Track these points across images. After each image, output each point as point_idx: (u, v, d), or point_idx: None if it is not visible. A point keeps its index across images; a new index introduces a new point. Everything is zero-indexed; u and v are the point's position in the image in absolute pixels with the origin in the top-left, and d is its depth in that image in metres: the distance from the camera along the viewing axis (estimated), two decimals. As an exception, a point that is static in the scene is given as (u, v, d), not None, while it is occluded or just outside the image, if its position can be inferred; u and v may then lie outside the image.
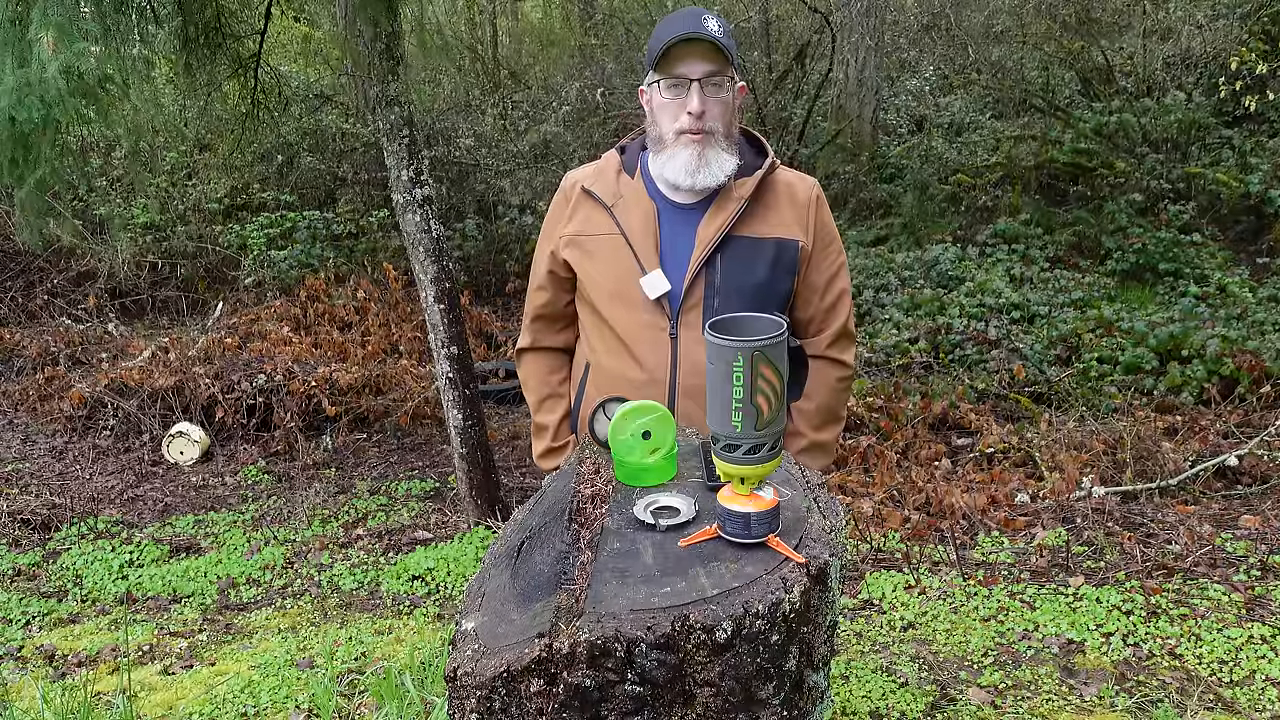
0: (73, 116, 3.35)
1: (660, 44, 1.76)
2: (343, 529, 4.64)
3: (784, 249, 1.88)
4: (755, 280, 1.85)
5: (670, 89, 1.79)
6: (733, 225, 1.85)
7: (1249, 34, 8.34)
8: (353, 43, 4.16)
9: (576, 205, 1.96)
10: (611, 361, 1.93)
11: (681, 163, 1.80)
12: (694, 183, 1.81)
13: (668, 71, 1.78)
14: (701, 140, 1.79)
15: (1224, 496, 4.18)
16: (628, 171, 1.94)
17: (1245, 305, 6.37)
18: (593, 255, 1.92)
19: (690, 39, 1.74)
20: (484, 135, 9.48)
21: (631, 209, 1.89)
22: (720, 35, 1.75)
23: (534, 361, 2.11)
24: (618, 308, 1.90)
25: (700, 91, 1.77)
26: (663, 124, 1.82)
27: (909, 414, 5.21)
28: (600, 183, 1.94)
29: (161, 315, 8.19)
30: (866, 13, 9.07)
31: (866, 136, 9.41)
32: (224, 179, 9.08)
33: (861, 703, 2.64)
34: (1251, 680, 2.70)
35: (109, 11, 3.51)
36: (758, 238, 1.87)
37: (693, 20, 1.76)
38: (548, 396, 2.09)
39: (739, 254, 1.85)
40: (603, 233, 1.91)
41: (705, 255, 1.84)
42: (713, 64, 1.77)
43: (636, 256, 1.86)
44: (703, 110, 1.77)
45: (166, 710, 2.76)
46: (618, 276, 1.88)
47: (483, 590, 1.25)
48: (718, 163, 1.81)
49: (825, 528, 1.29)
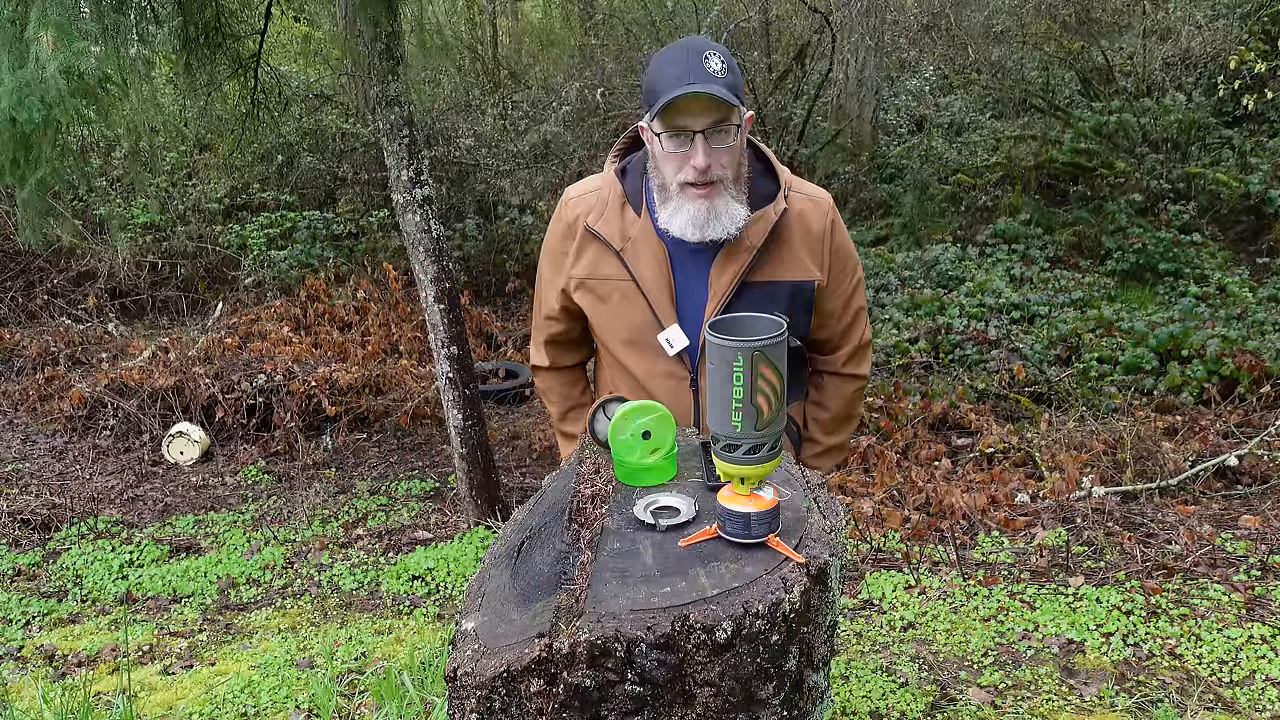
0: (73, 117, 3.35)
1: (659, 97, 1.61)
2: (343, 529, 4.64)
3: (799, 290, 1.82)
4: None
5: (672, 140, 1.67)
6: (746, 273, 1.77)
7: (1249, 34, 8.34)
8: (353, 43, 4.16)
9: (582, 244, 1.86)
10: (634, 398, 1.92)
11: (688, 217, 1.70)
12: (702, 236, 1.72)
13: (669, 123, 1.66)
14: (709, 194, 1.69)
15: (1224, 496, 4.18)
16: (633, 205, 1.82)
17: (1245, 305, 6.37)
18: (605, 300, 1.85)
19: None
20: (484, 135, 9.48)
21: (642, 254, 1.80)
22: (724, 77, 1.62)
23: (553, 378, 2.08)
24: (634, 354, 1.86)
25: (705, 144, 1.65)
26: (666, 174, 1.72)
27: (909, 414, 5.21)
28: (605, 221, 1.83)
29: (161, 315, 8.19)
30: (866, 13, 9.08)
31: (866, 136, 9.42)
32: (224, 179, 9.08)
33: (861, 703, 2.64)
34: (1251, 680, 2.70)
35: (108, 11, 3.51)
36: (773, 281, 1.79)
37: (694, 66, 1.61)
38: (572, 408, 2.07)
39: (754, 301, 1.77)
40: (615, 278, 1.82)
41: (720, 307, 1.77)
42: (717, 114, 1.64)
43: (652, 307, 1.80)
44: (708, 164, 1.66)
45: (166, 710, 2.76)
46: (632, 324, 1.83)
47: (483, 590, 1.25)
48: (728, 214, 1.71)
49: (825, 528, 1.29)
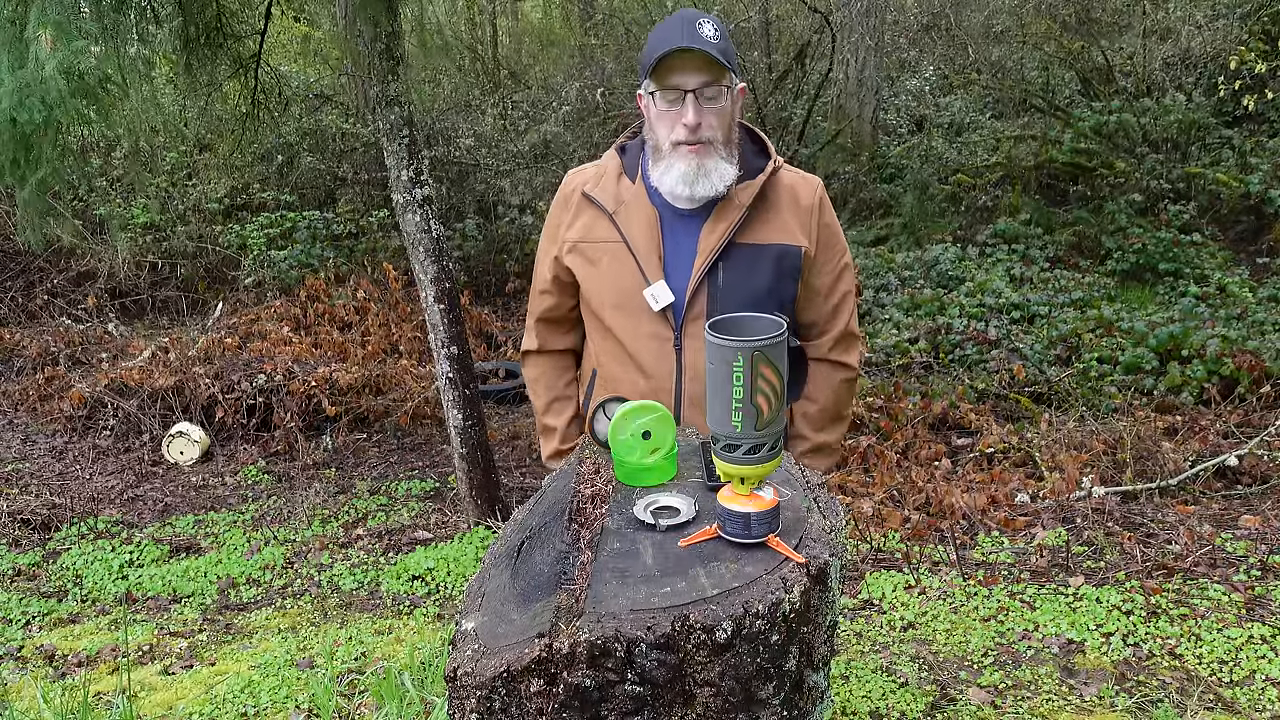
0: (73, 117, 3.35)
1: (653, 55, 1.71)
2: (343, 529, 4.64)
3: (786, 255, 1.85)
4: (758, 288, 1.83)
5: (666, 100, 1.75)
6: (734, 233, 1.82)
7: (1249, 34, 8.34)
8: (353, 43, 4.16)
9: (578, 210, 1.93)
10: (617, 369, 1.92)
11: (679, 173, 1.77)
12: (692, 193, 1.78)
13: (662, 82, 1.74)
14: (699, 151, 1.76)
15: (1224, 496, 4.18)
16: (629, 175, 1.90)
17: (1245, 305, 6.37)
18: (596, 264, 1.90)
19: (684, 50, 1.69)
20: (484, 135, 9.48)
21: (634, 216, 1.86)
22: (716, 42, 1.70)
23: (541, 364, 2.10)
24: (621, 317, 1.88)
25: (696, 103, 1.72)
26: (660, 134, 1.79)
27: (909, 414, 5.21)
28: (601, 187, 1.91)
29: (161, 315, 8.20)
30: (866, 13, 9.07)
31: (866, 136, 9.42)
32: (224, 179, 9.08)
33: (861, 703, 2.64)
34: (1251, 680, 2.70)
35: (108, 11, 3.51)
36: (760, 244, 1.84)
37: (687, 28, 1.70)
38: (556, 399, 2.08)
39: (741, 262, 1.82)
40: (606, 240, 1.88)
41: (707, 265, 1.81)
42: (708, 74, 1.72)
43: (640, 266, 1.84)
44: (699, 122, 1.73)
45: (166, 710, 2.76)
46: (621, 286, 1.86)
47: (483, 590, 1.25)
48: (717, 173, 1.78)
49: (825, 528, 1.29)
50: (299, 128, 9.28)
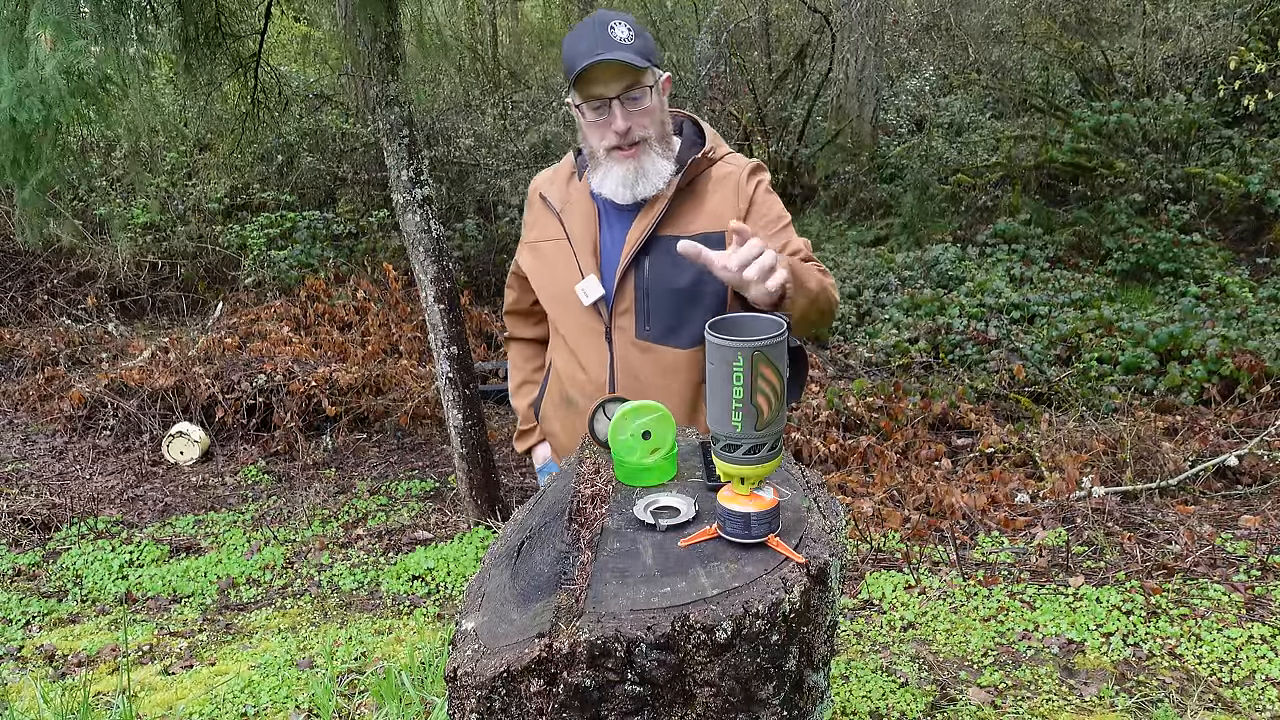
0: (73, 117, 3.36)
1: (573, 69, 1.71)
2: (343, 529, 4.64)
3: (710, 243, 1.78)
4: (683, 281, 1.81)
5: (592, 109, 1.77)
6: (657, 226, 1.82)
7: (1249, 34, 8.34)
8: (353, 43, 4.16)
9: (537, 212, 2.00)
10: (562, 362, 1.98)
11: (618, 178, 1.79)
12: (632, 195, 1.81)
13: (585, 93, 1.75)
14: (634, 154, 1.78)
15: (1224, 496, 4.18)
16: (579, 174, 1.94)
17: (1245, 305, 6.37)
18: (541, 259, 1.96)
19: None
20: (484, 135, 9.48)
21: (576, 212, 1.91)
22: (631, 43, 1.71)
23: (514, 349, 2.24)
24: (562, 311, 1.93)
25: (622, 108, 1.74)
26: (593, 142, 1.81)
27: (909, 414, 5.21)
28: (554, 188, 1.97)
29: (161, 315, 8.20)
30: (866, 13, 9.08)
31: (866, 136, 9.42)
32: (224, 179, 9.08)
33: (861, 703, 2.64)
34: (1251, 680, 2.70)
35: (108, 11, 3.51)
36: (683, 235, 1.80)
37: (600, 37, 1.70)
38: (522, 383, 2.21)
39: (664, 254, 1.81)
40: (553, 238, 1.94)
41: (630, 258, 1.83)
42: (629, 78, 1.72)
43: (577, 262, 1.88)
44: (628, 126, 1.75)
45: (166, 710, 2.76)
46: (560, 282, 1.91)
47: (483, 590, 1.25)
48: (654, 171, 1.79)
49: (825, 528, 1.29)
50: (299, 128, 9.28)
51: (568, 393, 1.96)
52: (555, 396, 2.01)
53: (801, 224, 9.00)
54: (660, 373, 1.85)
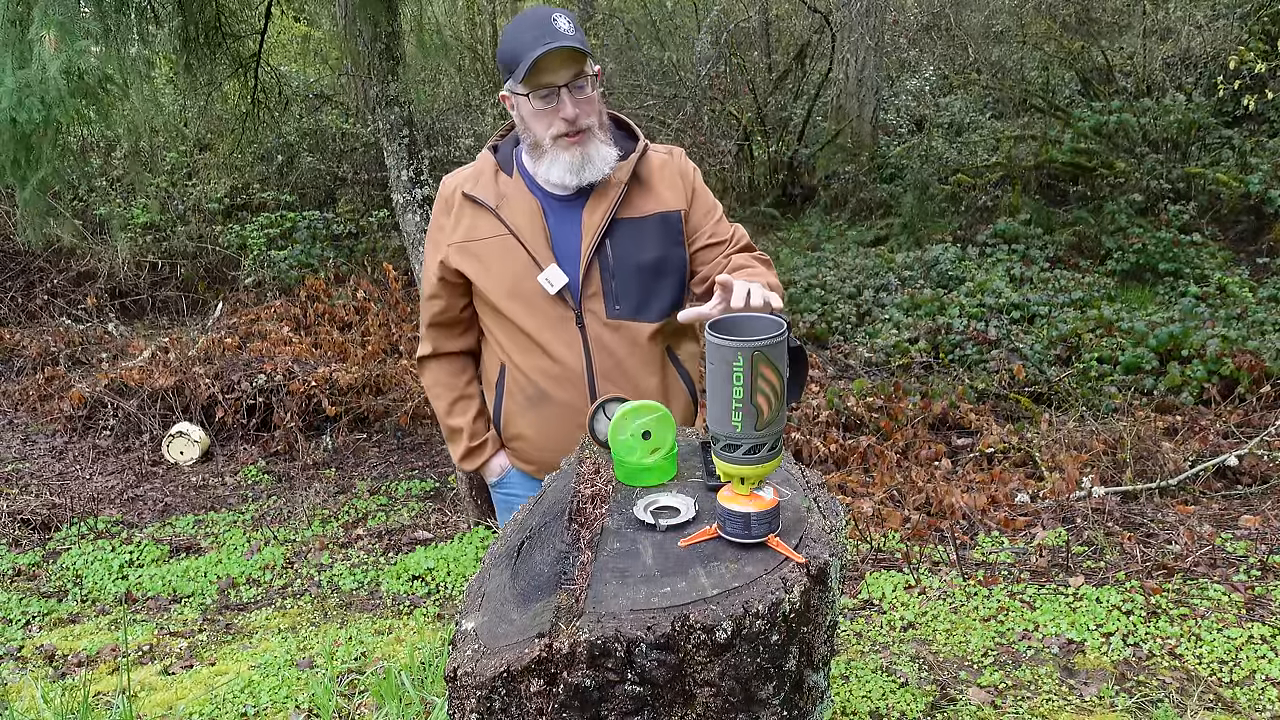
0: (73, 117, 3.36)
1: (524, 60, 1.76)
2: (343, 529, 4.64)
3: (667, 220, 1.93)
4: (648, 257, 1.91)
5: (539, 98, 1.81)
6: (616, 210, 1.89)
7: (1249, 34, 8.34)
8: (353, 43, 4.16)
9: (460, 211, 1.97)
10: (525, 359, 1.96)
11: (565, 164, 1.84)
12: (580, 181, 1.86)
13: (534, 82, 1.80)
14: (581, 140, 1.84)
15: (1224, 496, 4.18)
16: (505, 171, 1.96)
17: (1245, 305, 6.37)
18: (483, 258, 1.94)
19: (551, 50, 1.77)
20: (484, 135, 9.48)
21: (516, 208, 1.92)
22: (574, 34, 1.78)
23: (437, 368, 2.12)
24: (518, 306, 1.92)
25: (571, 95, 1.81)
26: (538, 131, 1.85)
27: (909, 414, 5.21)
28: (480, 186, 1.96)
29: (161, 315, 8.19)
30: (866, 13, 9.08)
31: (866, 136, 9.42)
32: (224, 179, 9.08)
33: (861, 703, 2.64)
34: (1251, 680, 2.70)
35: (109, 11, 3.51)
36: (641, 216, 1.92)
37: (546, 27, 1.77)
38: (457, 399, 2.10)
39: (627, 235, 1.90)
40: (491, 236, 1.93)
41: (595, 242, 1.88)
42: (574, 66, 1.79)
43: (531, 254, 1.89)
44: (576, 113, 1.81)
45: (166, 710, 2.76)
46: (513, 276, 1.91)
47: (483, 590, 1.25)
48: (600, 157, 1.86)
49: (825, 528, 1.29)
50: (299, 128, 9.28)
51: (539, 387, 1.94)
52: (519, 397, 1.98)
53: (801, 224, 9.00)
54: (634, 347, 1.92)
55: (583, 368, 1.91)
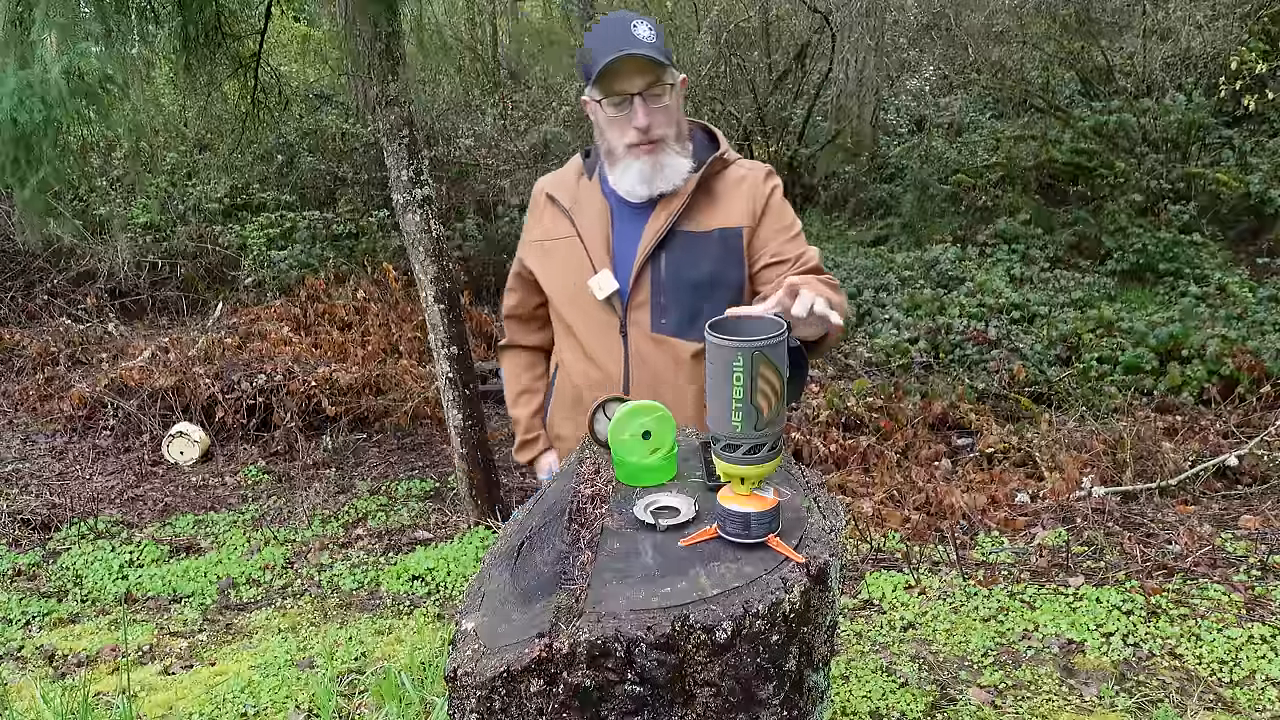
0: (73, 117, 3.36)
1: (596, 66, 1.74)
2: (343, 529, 4.64)
3: (727, 237, 1.86)
4: (701, 274, 1.85)
5: (613, 105, 1.79)
6: (676, 220, 1.85)
7: (1249, 34, 8.34)
8: (353, 43, 4.16)
9: (542, 211, 2.00)
10: (574, 362, 1.96)
11: (636, 174, 1.82)
12: (650, 191, 1.84)
13: (608, 89, 1.78)
14: (653, 149, 1.81)
15: (1224, 496, 4.18)
16: (588, 174, 1.96)
17: (1245, 305, 6.37)
18: (551, 258, 1.96)
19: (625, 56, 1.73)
20: (484, 135, 9.49)
21: (587, 210, 1.92)
22: (653, 42, 1.75)
23: (511, 358, 2.18)
24: (574, 309, 1.93)
25: (643, 105, 1.77)
26: (612, 139, 1.84)
27: (909, 414, 5.21)
28: (562, 188, 1.97)
29: (161, 315, 8.19)
30: (866, 13, 9.08)
31: (866, 136, 9.42)
32: (224, 179, 9.08)
33: (861, 703, 2.64)
34: (1251, 680, 2.70)
35: (110, 12, 3.51)
36: (701, 231, 1.86)
37: (622, 33, 1.74)
38: (521, 392, 2.15)
39: (682, 248, 1.85)
40: (562, 236, 1.93)
41: (648, 252, 1.85)
42: (650, 75, 1.76)
43: (590, 257, 1.88)
44: (648, 123, 1.78)
45: (166, 710, 2.76)
46: (572, 278, 1.91)
47: (483, 590, 1.25)
48: (672, 167, 1.83)
49: (825, 528, 1.29)
50: (299, 128, 9.28)
51: (579, 392, 1.95)
52: (565, 398, 2.00)
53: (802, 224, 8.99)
54: (674, 366, 1.87)
55: (621, 378, 1.89)
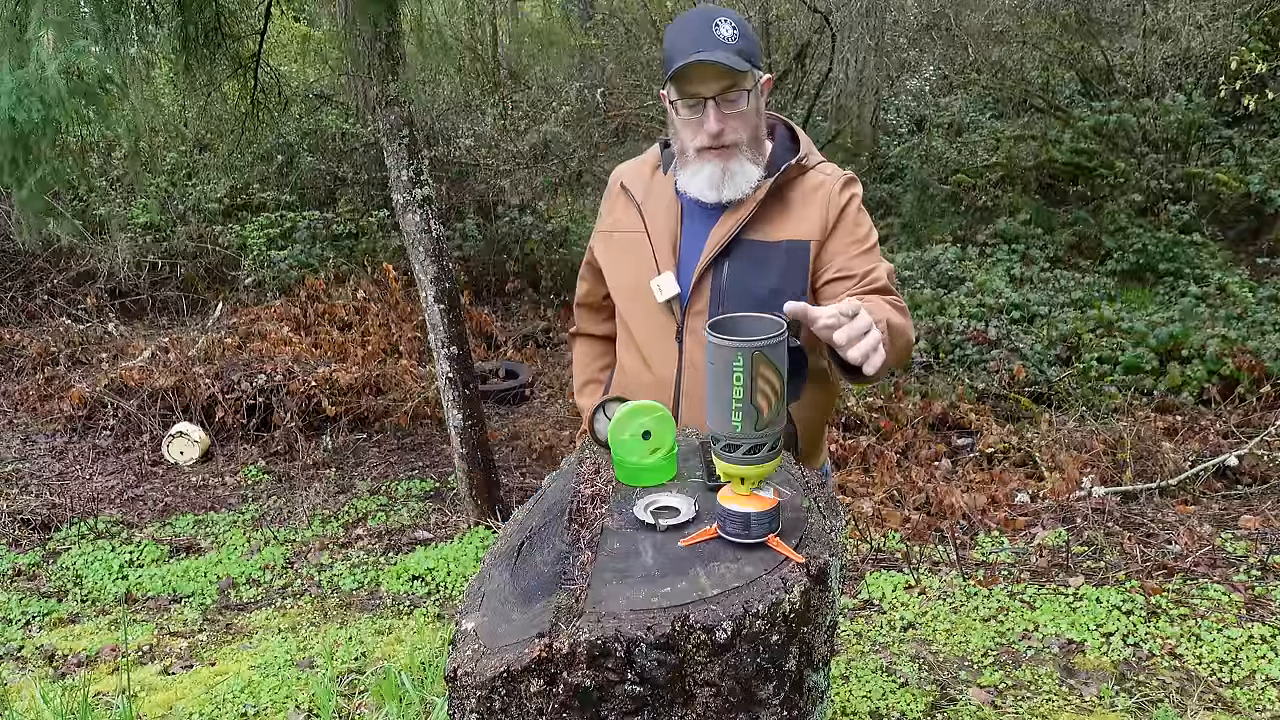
0: (72, 117, 3.36)
1: (671, 64, 1.67)
2: (343, 529, 4.64)
3: (794, 251, 1.76)
4: (764, 286, 1.75)
5: (686, 107, 1.72)
6: (742, 228, 1.76)
7: (1249, 34, 8.34)
8: (353, 43, 4.16)
9: (615, 201, 1.94)
10: (630, 361, 1.92)
11: (705, 179, 1.75)
12: (719, 197, 1.76)
13: (682, 90, 1.70)
14: (724, 155, 1.73)
15: (1224, 496, 4.18)
16: (664, 167, 1.89)
17: (1245, 305, 6.37)
18: (617, 251, 1.90)
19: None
20: (484, 135, 9.49)
21: (658, 207, 1.85)
22: (734, 43, 1.66)
23: (580, 346, 2.14)
24: (635, 307, 1.87)
25: (717, 109, 1.69)
26: (684, 139, 1.77)
27: (909, 414, 5.21)
28: (637, 179, 1.91)
29: (161, 315, 8.19)
30: (866, 13, 9.08)
31: (866, 136, 9.42)
32: (224, 179, 9.08)
33: (861, 703, 2.64)
34: (1251, 680, 2.70)
35: (108, 11, 3.50)
36: (768, 241, 1.76)
37: (703, 34, 1.66)
38: (588, 381, 2.11)
39: (746, 258, 1.77)
40: (630, 230, 1.87)
41: (711, 258, 1.77)
42: (727, 79, 1.67)
43: (655, 256, 1.82)
44: (721, 129, 1.70)
45: (166, 710, 2.76)
46: (635, 276, 1.85)
47: (483, 590, 1.25)
48: (742, 174, 1.75)
49: (825, 528, 1.29)
50: (299, 128, 9.27)
51: (631, 391, 1.87)
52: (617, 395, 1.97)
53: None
54: None
55: (672, 383, 1.83)
